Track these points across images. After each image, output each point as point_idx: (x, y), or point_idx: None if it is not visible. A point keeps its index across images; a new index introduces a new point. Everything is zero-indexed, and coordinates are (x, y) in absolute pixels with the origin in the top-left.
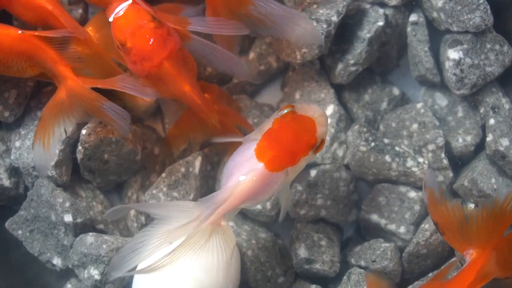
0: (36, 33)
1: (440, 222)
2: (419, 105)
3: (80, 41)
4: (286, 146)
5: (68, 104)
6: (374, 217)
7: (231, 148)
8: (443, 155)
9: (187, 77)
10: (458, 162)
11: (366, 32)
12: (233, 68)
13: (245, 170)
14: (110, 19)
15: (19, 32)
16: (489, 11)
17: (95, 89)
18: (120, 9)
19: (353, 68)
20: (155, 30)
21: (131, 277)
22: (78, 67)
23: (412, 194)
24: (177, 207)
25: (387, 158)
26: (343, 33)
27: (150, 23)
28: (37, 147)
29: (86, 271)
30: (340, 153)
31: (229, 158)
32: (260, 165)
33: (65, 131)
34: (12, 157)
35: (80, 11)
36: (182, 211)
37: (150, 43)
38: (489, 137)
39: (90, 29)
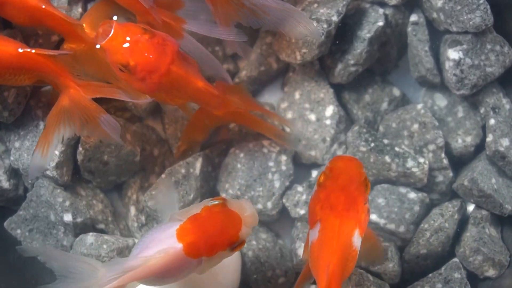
0: (35, 51)
1: None
2: (419, 106)
3: (75, 38)
4: (208, 236)
5: (70, 112)
6: (373, 217)
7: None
8: (443, 155)
9: (196, 74)
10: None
11: (366, 32)
12: (216, 73)
13: (161, 246)
14: (98, 45)
15: (19, 50)
16: (489, 11)
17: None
18: (108, 32)
19: (353, 69)
20: (151, 41)
21: None
22: (76, 67)
23: (412, 195)
24: (83, 263)
25: (387, 158)
26: (343, 33)
27: (144, 35)
28: (36, 154)
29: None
30: (340, 153)
31: (148, 231)
32: (179, 246)
33: (62, 138)
34: (11, 158)
35: (79, 10)
36: (87, 268)
37: (152, 54)
38: (489, 137)
39: (85, 25)
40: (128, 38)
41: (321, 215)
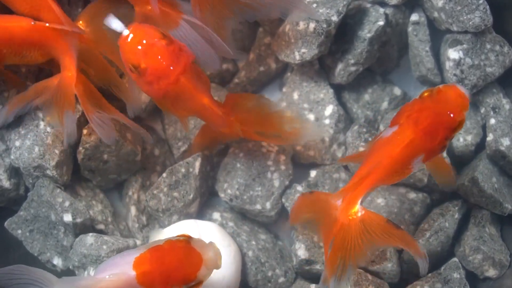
0: (48, 25)
1: None
2: None
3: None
4: (165, 269)
5: (53, 91)
6: None
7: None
8: (444, 154)
9: (204, 90)
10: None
11: (366, 32)
12: (210, 61)
13: (116, 270)
14: (118, 43)
15: (32, 23)
16: (488, 12)
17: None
18: (127, 31)
19: (353, 68)
20: (167, 47)
21: None
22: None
23: (412, 195)
24: (40, 276)
25: None
26: (343, 32)
27: (161, 40)
28: (4, 108)
29: (86, 272)
30: (339, 154)
31: (111, 257)
32: (133, 273)
33: (29, 104)
34: (12, 157)
35: (80, 10)
36: (42, 281)
37: (165, 60)
38: (490, 137)
39: (80, 23)
40: (144, 41)
41: (403, 121)
